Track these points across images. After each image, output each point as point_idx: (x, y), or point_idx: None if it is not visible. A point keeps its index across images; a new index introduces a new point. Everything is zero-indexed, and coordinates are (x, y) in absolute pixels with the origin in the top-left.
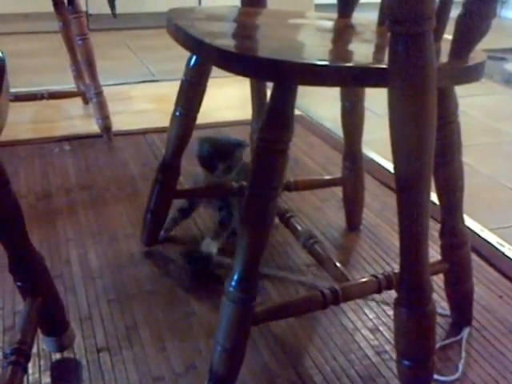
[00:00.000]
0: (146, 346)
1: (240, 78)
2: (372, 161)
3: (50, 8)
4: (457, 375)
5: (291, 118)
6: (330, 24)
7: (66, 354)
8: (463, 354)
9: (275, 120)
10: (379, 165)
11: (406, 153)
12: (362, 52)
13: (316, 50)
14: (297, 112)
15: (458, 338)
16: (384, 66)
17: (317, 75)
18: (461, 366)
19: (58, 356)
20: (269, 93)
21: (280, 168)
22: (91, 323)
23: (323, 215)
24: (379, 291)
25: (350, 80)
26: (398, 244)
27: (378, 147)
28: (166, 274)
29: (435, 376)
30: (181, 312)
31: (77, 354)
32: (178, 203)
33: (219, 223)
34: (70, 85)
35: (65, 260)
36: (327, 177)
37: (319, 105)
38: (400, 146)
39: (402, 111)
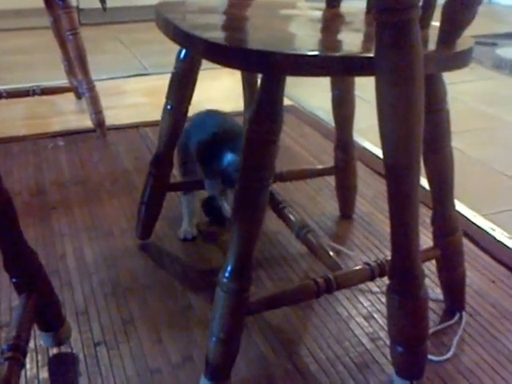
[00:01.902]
0: (143, 339)
1: (231, 69)
2: (364, 149)
3: (41, 4)
4: (448, 355)
5: (280, 109)
6: (319, 14)
7: (63, 349)
8: (456, 338)
9: (264, 111)
10: (372, 153)
11: (394, 141)
12: (351, 41)
13: (305, 40)
14: (289, 102)
15: (451, 322)
16: (372, 55)
17: (305, 66)
18: (453, 348)
19: (55, 351)
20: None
21: (270, 159)
22: (87, 317)
23: (316, 204)
24: (372, 279)
25: (338, 70)
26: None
27: (370, 135)
28: (161, 266)
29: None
30: (177, 304)
31: (74, 348)
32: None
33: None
34: (62, 80)
35: (60, 255)
36: (320, 166)
37: (312, 94)
38: (388, 135)
39: (389, 99)
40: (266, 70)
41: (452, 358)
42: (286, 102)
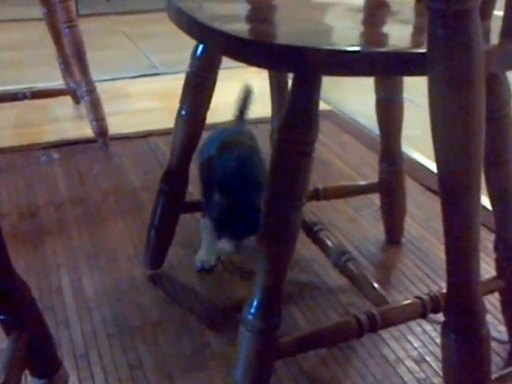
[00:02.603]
0: None
1: (256, 68)
2: (414, 161)
3: None
4: None
5: (316, 115)
6: (360, 2)
7: None
8: None
9: (297, 117)
10: (423, 166)
11: (451, 154)
12: (399, 35)
13: (343, 33)
14: (326, 106)
15: None
16: (423, 51)
17: (344, 64)
18: None
19: None
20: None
21: (304, 173)
22: (88, 361)
23: (358, 227)
24: (424, 315)
25: (383, 68)
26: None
27: (421, 145)
28: (174, 301)
29: None
30: (193, 345)
31: None
32: None
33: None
34: (57, 82)
35: (56, 288)
36: (362, 182)
37: (352, 97)
38: (443, 146)
39: (443, 104)
40: (298, 69)
41: None
42: (322, 106)
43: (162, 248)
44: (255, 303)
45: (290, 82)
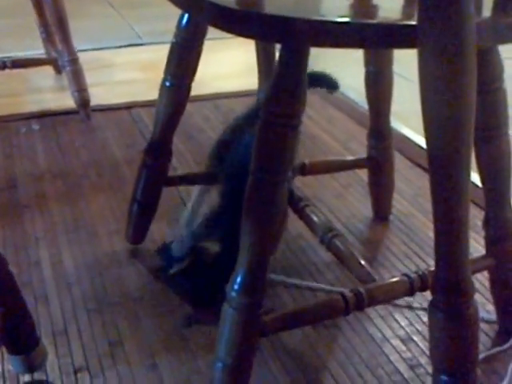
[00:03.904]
0: (134, 365)
1: (243, 39)
2: (403, 137)
3: None
4: None
5: (303, 87)
6: None
7: (37, 376)
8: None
9: (284, 89)
10: (412, 142)
11: (440, 127)
12: (389, 7)
13: (333, 4)
14: None
15: (506, 346)
16: (414, 23)
17: (333, 35)
18: (507, 377)
19: (26, 378)
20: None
21: (290, 147)
22: (67, 338)
23: (345, 203)
24: (412, 293)
25: (373, 40)
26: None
27: (410, 120)
28: (156, 276)
29: None
30: (175, 322)
31: (50, 375)
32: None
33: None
34: (38, 51)
35: (34, 263)
36: (350, 157)
37: (341, 71)
38: (432, 120)
39: (434, 77)
40: (287, 40)
41: None
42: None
43: (144, 222)
44: (239, 280)
45: (277, 54)
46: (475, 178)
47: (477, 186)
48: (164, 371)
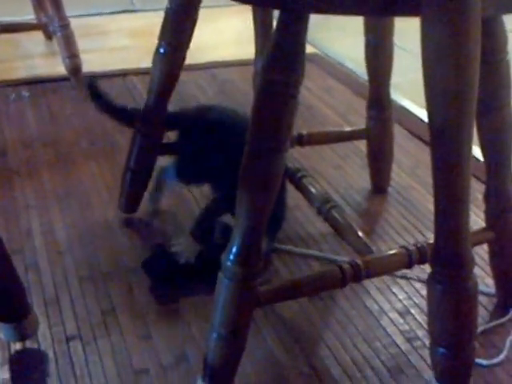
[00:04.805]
0: (127, 334)
1: (240, 6)
2: (403, 108)
3: None
4: (499, 358)
5: (302, 55)
6: None
7: (29, 344)
8: (509, 338)
9: (282, 57)
10: (412, 113)
11: (443, 96)
12: None
13: None
14: (312, 49)
15: (504, 320)
16: None
17: (333, 1)
18: (505, 350)
19: (18, 346)
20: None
21: (288, 116)
22: (58, 307)
23: (343, 175)
24: (410, 265)
25: (373, 7)
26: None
27: (410, 92)
28: (149, 246)
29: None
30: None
31: (41, 343)
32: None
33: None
34: (28, 16)
35: (25, 231)
36: (348, 128)
37: (340, 40)
38: (435, 89)
39: (437, 45)
40: (284, 6)
41: (503, 362)
42: (309, 49)
43: (137, 191)
44: (234, 249)
45: (274, 22)
46: (476, 151)
47: (478, 160)
48: (157, 340)
